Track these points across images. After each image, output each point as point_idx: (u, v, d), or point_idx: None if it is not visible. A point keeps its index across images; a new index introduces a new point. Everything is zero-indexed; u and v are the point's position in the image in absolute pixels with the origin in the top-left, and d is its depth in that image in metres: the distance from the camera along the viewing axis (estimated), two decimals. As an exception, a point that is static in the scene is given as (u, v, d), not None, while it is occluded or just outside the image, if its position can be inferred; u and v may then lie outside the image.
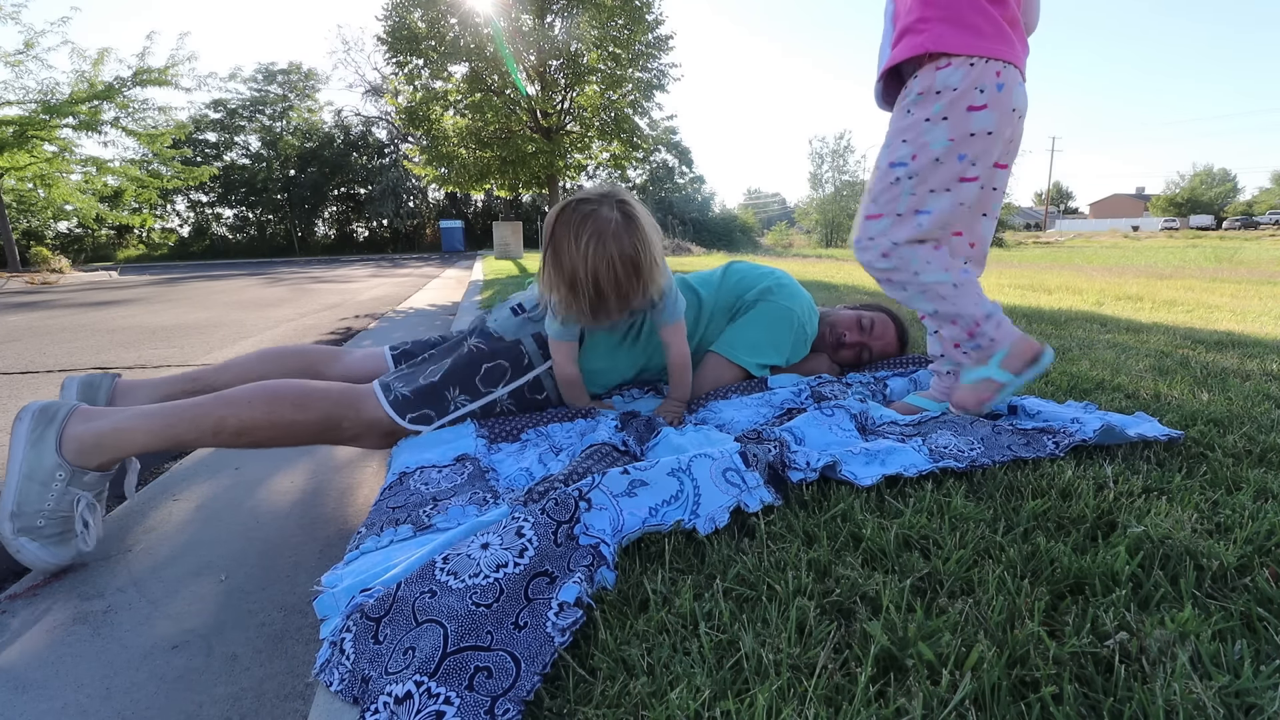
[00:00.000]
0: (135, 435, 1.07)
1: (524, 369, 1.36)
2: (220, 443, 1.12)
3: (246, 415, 1.11)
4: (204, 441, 1.11)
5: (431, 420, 1.27)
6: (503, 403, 1.34)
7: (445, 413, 1.28)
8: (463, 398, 1.30)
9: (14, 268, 13.68)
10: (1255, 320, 2.79)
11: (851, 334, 1.75)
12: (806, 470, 0.98)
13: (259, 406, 1.13)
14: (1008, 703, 0.53)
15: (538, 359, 1.37)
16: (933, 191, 1.09)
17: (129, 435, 1.07)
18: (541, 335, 1.38)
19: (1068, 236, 37.97)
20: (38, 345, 3.47)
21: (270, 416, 1.13)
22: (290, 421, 1.15)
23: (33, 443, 1.03)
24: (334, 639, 0.66)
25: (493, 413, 1.34)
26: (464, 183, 12.40)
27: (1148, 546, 0.75)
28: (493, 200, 30.22)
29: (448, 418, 1.28)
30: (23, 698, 0.79)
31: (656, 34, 12.01)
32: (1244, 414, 1.29)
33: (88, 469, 1.05)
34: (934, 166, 1.07)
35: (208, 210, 29.54)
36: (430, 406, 1.27)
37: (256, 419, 1.12)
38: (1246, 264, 8.44)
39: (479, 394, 1.31)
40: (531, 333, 1.39)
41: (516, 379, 1.35)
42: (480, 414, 1.32)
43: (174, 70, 14.03)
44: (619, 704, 0.55)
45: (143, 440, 1.07)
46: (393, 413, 1.24)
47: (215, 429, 1.10)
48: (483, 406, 1.32)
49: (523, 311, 1.43)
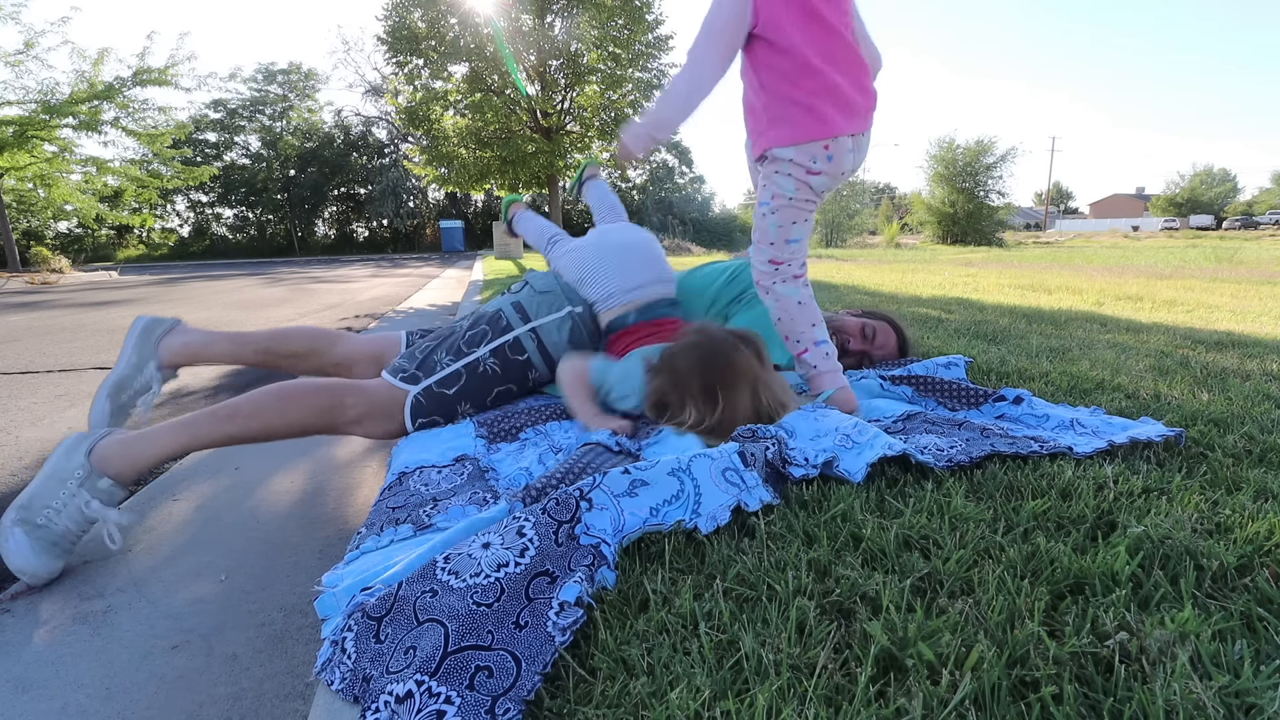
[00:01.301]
0: (159, 438, 1.14)
1: (502, 330, 1.44)
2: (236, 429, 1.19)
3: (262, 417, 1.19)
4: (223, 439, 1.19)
5: (419, 380, 1.35)
6: (485, 362, 1.41)
7: (432, 373, 1.36)
8: (448, 359, 1.39)
9: (14, 268, 13.68)
10: (1255, 320, 2.79)
11: (855, 342, 1.80)
12: (807, 467, 0.99)
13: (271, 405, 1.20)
14: (1008, 703, 0.53)
15: (516, 321, 1.46)
16: (794, 223, 1.36)
17: (153, 437, 1.14)
18: (519, 304, 1.48)
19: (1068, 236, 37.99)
20: (38, 345, 3.47)
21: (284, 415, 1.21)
22: (300, 400, 1.22)
23: (66, 451, 1.09)
24: (335, 638, 0.66)
25: (476, 372, 1.39)
26: (464, 183, 12.40)
27: (1148, 546, 0.75)
28: (493, 200, 30.19)
29: (434, 376, 1.36)
30: (23, 698, 0.79)
31: (656, 34, 12.01)
32: (1244, 414, 1.29)
33: (104, 474, 1.08)
34: (788, 205, 1.34)
35: (208, 210, 29.57)
36: (419, 368, 1.37)
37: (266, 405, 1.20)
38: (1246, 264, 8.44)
39: (462, 355, 1.40)
40: (511, 302, 1.49)
41: (496, 339, 1.43)
42: (466, 374, 1.38)
43: (174, 70, 14.02)
44: (619, 704, 0.55)
45: (166, 447, 1.14)
46: (388, 375, 1.35)
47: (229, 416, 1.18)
48: (466, 365, 1.39)
49: (508, 292, 1.54)
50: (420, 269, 12.26)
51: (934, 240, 31.19)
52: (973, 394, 1.41)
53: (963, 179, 30.37)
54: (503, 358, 1.42)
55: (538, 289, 1.52)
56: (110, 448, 1.11)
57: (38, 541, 1.01)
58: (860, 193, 34.38)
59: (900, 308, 3.50)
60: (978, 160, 30.04)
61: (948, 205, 30.56)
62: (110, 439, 1.12)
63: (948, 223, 30.63)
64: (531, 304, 1.48)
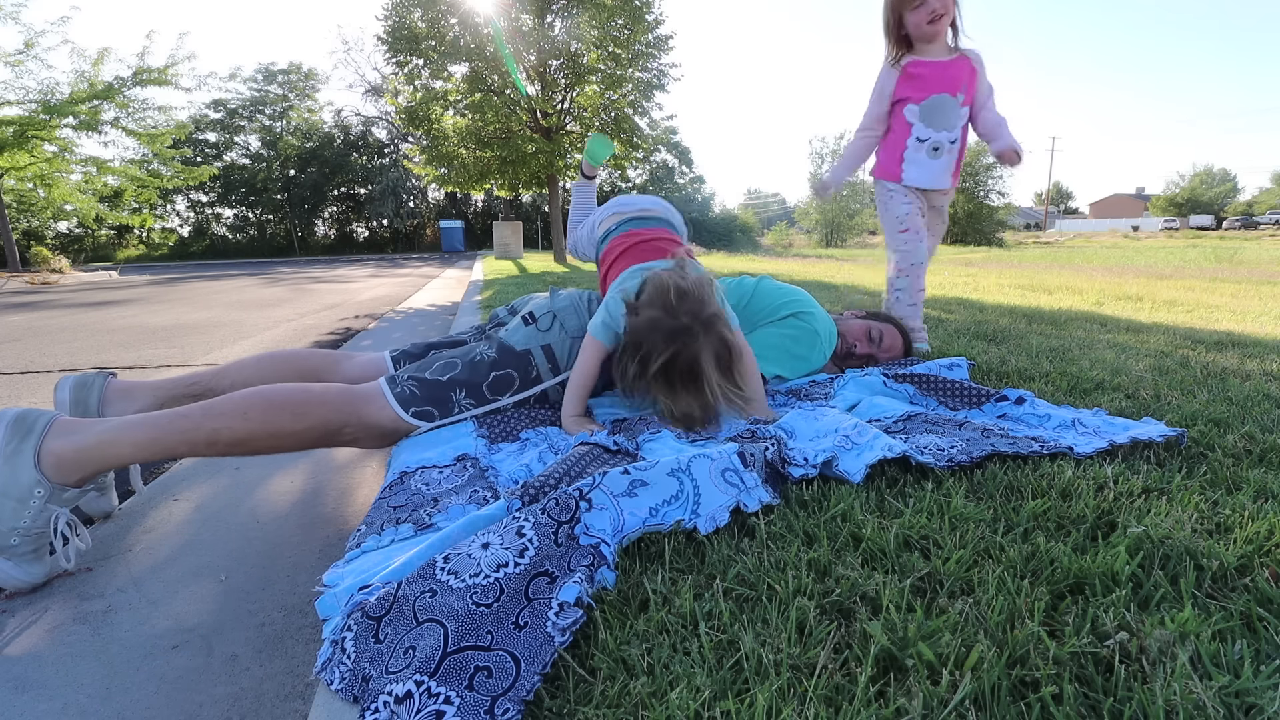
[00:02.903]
0: (120, 449, 1.02)
1: (531, 381, 1.36)
2: (215, 453, 1.08)
3: (241, 427, 1.07)
4: (197, 452, 1.07)
5: (433, 418, 1.27)
6: (507, 412, 1.35)
7: (448, 414, 1.28)
8: (467, 400, 1.30)
9: (14, 268, 13.67)
10: (1255, 320, 2.79)
11: (862, 345, 1.82)
12: (806, 466, 0.99)
13: (255, 417, 1.08)
14: (1008, 703, 0.53)
15: (546, 373, 1.37)
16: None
17: (113, 449, 1.01)
18: (550, 348, 1.38)
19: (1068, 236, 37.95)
20: (38, 345, 3.47)
21: (267, 427, 1.09)
22: (289, 432, 1.11)
23: (7, 457, 0.96)
24: (335, 638, 0.66)
25: (497, 419, 1.33)
26: (464, 183, 12.38)
27: (1148, 546, 0.75)
28: (493, 200, 30.20)
29: (449, 419, 1.29)
30: (23, 698, 0.79)
31: (656, 34, 11.98)
32: (1244, 414, 1.29)
33: (67, 485, 1.00)
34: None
35: (208, 210, 29.57)
36: (434, 405, 1.27)
37: (253, 430, 1.08)
38: (1246, 264, 8.43)
39: (484, 400, 1.32)
40: (541, 344, 1.38)
41: (523, 390, 1.36)
42: (480, 415, 1.33)
43: (174, 70, 14.01)
44: (619, 704, 0.55)
45: (129, 453, 1.02)
46: (397, 406, 1.23)
47: (209, 440, 1.06)
48: (486, 412, 1.33)
49: (533, 321, 1.42)
50: (420, 269, 12.27)
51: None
52: (975, 394, 1.41)
53: (962, 179, 30.37)
54: (524, 407, 1.37)
55: (570, 332, 1.40)
56: (65, 457, 0.99)
57: (21, 559, 0.98)
58: (860, 193, 34.38)
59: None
60: (977, 160, 30.05)
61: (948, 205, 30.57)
62: (58, 444, 0.99)
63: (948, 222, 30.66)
64: (562, 350, 1.38)
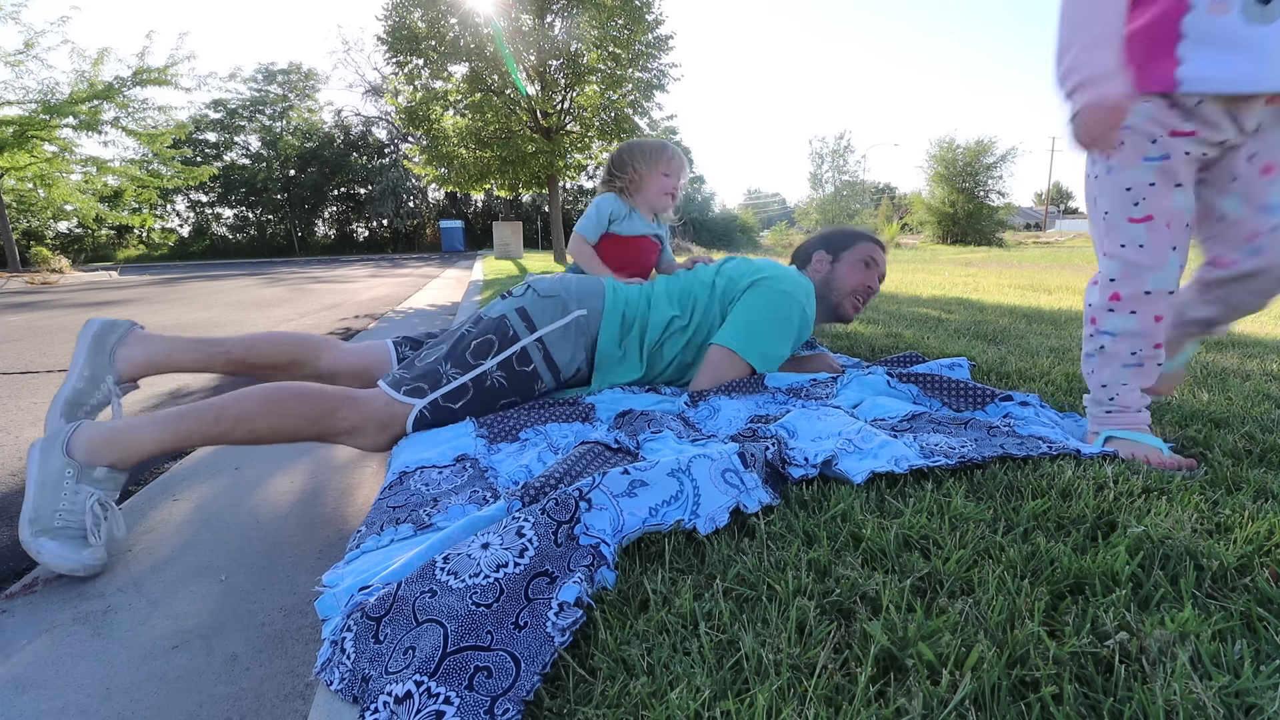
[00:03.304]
0: (144, 435, 1.10)
1: (510, 340, 1.42)
2: (221, 432, 1.15)
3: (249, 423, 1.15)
4: (208, 440, 1.15)
5: (425, 393, 1.31)
6: (493, 375, 1.38)
7: (438, 385, 1.33)
8: (454, 370, 1.36)
9: (14, 268, 13.67)
10: (1255, 320, 2.79)
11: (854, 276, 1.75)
12: (806, 466, 0.98)
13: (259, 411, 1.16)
14: (1008, 703, 0.53)
15: (523, 331, 1.43)
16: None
17: (138, 434, 1.10)
18: (524, 309, 1.46)
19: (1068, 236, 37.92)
20: (38, 345, 3.47)
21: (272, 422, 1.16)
22: (289, 409, 1.17)
23: (41, 458, 1.06)
24: (335, 638, 0.66)
25: (484, 386, 1.37)
26: (464, 183, 12.38)
27: (1148, 546, 0.75)
28: (493, 200, 30.20)
29: (440, 390, 1.32)
30: (23, 698, 0.79)
31: (656, 34, 11.97)
32: (1244, 414, 1.29)
33: (96, 465, 1.06)
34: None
35: (208, 210, 29.59)
36: (423, 381, 1.33)
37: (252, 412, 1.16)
38: (1246, 264, 8.41)
39: (469, 366, 1.37)
40: (515, 308, 1.46)
41: (503, 351, 1.41)
42: (473, 388, 1.35)
43: (174, 70, 14.02)
44: (619, 704, 0.55)
45: (150, 446, 1.10)
46: (388, 388, 1.29)
47: (215, 419, 1.14)
48: (473, 379, 1.36)
49: (509, 295, 1.51)
50: (420, 269, 12.27)
51: (934, 240, 31.22)
52: (979, 394, 1.41)
53: (963, 179, 30.44)
54: (509, 370, 1.40)
55: (542, 293, 1.50)
56: (94, 439, 1.08)
57: (68, 540, 1.02)
58: (860, 193, 34.39)
59: (900, 308, 3.50)
60: (978, 160, 30.10)
61: (948, 205, 30.61)
62: (86, 433, 1.08)
63: (948, 223, 30.68)
64: (536, 310, 1.46)
